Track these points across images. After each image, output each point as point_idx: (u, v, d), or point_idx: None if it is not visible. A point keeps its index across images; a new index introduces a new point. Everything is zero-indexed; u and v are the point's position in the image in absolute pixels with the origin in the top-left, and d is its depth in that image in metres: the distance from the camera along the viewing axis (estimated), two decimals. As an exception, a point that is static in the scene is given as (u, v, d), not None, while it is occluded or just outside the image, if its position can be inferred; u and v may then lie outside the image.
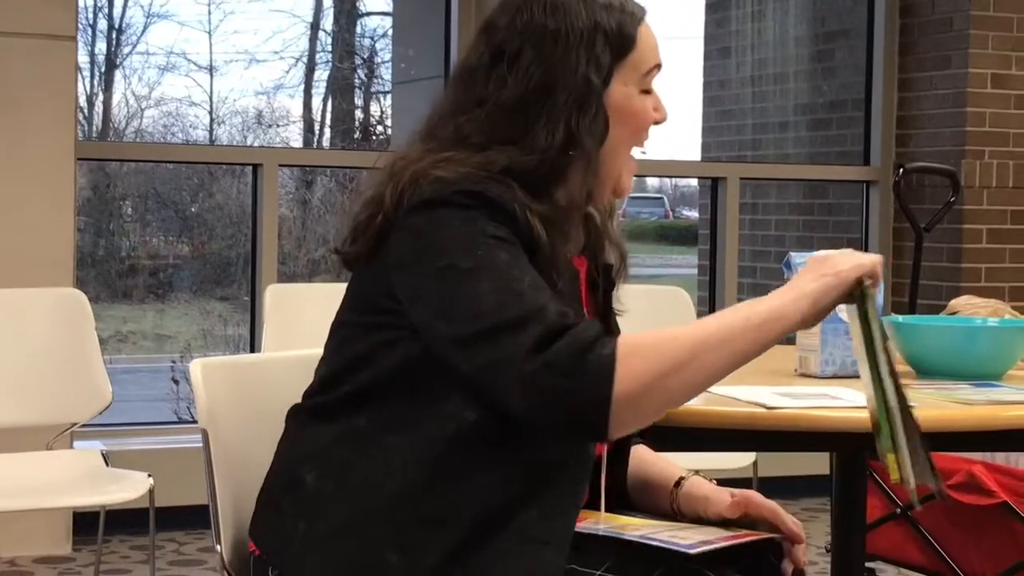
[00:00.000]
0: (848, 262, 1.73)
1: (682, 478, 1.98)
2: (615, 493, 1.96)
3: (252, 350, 5.17)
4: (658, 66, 1.86)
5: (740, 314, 1.71)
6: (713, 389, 2.29)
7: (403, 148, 1.84)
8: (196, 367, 2.09)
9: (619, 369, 1.60)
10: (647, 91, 1.86)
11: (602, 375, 1.60)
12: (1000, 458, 3.25)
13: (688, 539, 1.75)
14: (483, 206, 1.69)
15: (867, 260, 1.74)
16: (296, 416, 1.89)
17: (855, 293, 1.71)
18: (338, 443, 1.80)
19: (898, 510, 3.31)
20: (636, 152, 1.89)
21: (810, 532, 2.84)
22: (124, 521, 4.24)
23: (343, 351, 1.83)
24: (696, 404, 2.04)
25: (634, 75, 1.83)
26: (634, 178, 1.95)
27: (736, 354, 1.68)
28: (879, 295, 1.80)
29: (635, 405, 1.63)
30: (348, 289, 1.85)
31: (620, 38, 1.81)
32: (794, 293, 1.72)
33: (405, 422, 1.73)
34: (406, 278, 1.72)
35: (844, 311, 1.79)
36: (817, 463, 3.08)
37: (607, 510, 1.93)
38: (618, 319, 1.98)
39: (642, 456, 2.03)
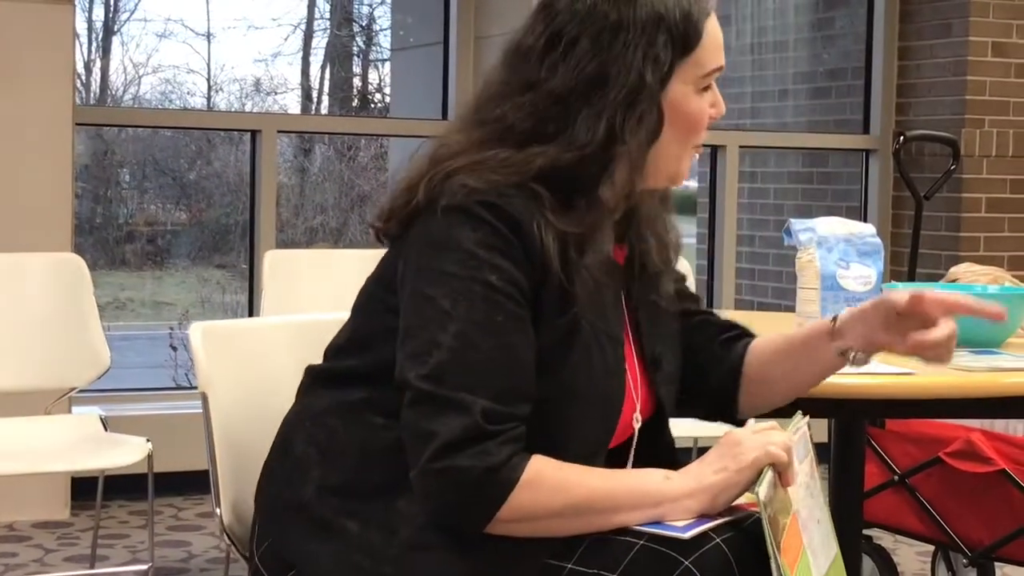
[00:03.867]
0: (751, 454, 1.72)
1: (835, 317, 1.93)
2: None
3: (250, 316, 5.17)
4: (720, 68, 1.81)
5: (639, 487, 1.72)
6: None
7: (451, 127, 1.83)
8: (196, 331, 2.10)
9: (512, 498, 1.66)
10: (706, 88, 1.81)
11: (494, 500, 1.66)
12: (999, 426, 3.25)
13: (683, 521, 1.73)
14: (500, 221, 1.69)
15: (773, 449, 1.72)
16: (307, 375, 1.91)
17: (756, 481, 1.71)
18: (330, 412, 1.82)
19: (896, 477, 3.31)
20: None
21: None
22: (122, 486, 4.24)
23: (355, 322, 1.85)
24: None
25: (694, 74, 1.79)
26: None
27: (618, 523, 1.71)
28: (806, 441, 1.83)
29: (508, 529, 1.68)
30: (381, 259, 1.86)
31: (685, 34, 1.76)
32: (695, 483, 1.73)
33: (395, 411, 1.73)
34: (404, 281, 1.75)
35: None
36: (814, 430, 3.07)
37: None
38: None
39: (763, 341, 2.01)
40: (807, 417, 1.87)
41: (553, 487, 1.68)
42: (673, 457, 1.92)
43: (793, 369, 1.98)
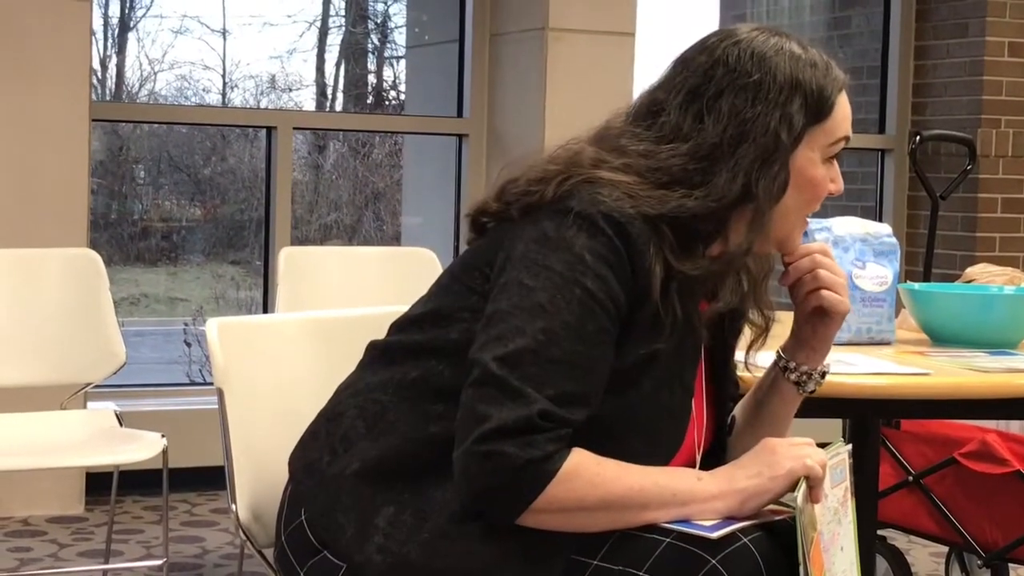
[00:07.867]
0: (787, 464, 1.73)
1: (779, 356, 2.00)
2: None
3: (265, 313, 5.17)
4: (846, 138, 1.87)
5: (670, 487, 1.73)
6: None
7: (591, 141, 1.86)
8: (212, 326, 2.10)
9: (548, 489, 1.67)
10: (829, 159, 1.87)
11: (530, 490, 1.67)
12: (1015, 427, 3.25)
13: (711, 520, 1.74)
14: (618, 237, 1.73)
15: (810, 462, 1.73)
16: (369, 351, 1.93)
17: (791, 491, 1.72)
18: (385, 388, 1.84)
19: (910, 478, 3.31)
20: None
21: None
22: (137, 481, 4.25)
23: (435, 298, 1.87)
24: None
25: (822, 142, 1.84)
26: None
27: (646, 521, 1.72)
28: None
29: (538, 521, 1.70)
30: (471, 247, 1.89)
31: (818, 102, 1.83)
32: (727, 485, 1.74)
33: (451, 393, 1.74)
34: (503, 265, 1.77)
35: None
36: (829, 430, 3.07)
37: None
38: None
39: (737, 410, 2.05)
40: (849, 445, 1.88)
41: (589, 481, 1.69)
42: None
43: (770, 417, 2.02)
